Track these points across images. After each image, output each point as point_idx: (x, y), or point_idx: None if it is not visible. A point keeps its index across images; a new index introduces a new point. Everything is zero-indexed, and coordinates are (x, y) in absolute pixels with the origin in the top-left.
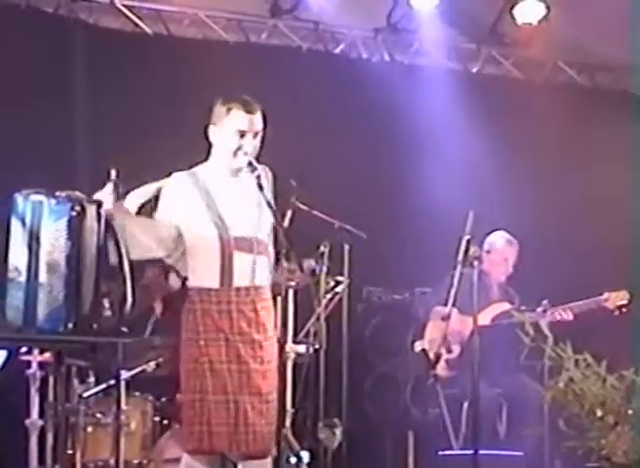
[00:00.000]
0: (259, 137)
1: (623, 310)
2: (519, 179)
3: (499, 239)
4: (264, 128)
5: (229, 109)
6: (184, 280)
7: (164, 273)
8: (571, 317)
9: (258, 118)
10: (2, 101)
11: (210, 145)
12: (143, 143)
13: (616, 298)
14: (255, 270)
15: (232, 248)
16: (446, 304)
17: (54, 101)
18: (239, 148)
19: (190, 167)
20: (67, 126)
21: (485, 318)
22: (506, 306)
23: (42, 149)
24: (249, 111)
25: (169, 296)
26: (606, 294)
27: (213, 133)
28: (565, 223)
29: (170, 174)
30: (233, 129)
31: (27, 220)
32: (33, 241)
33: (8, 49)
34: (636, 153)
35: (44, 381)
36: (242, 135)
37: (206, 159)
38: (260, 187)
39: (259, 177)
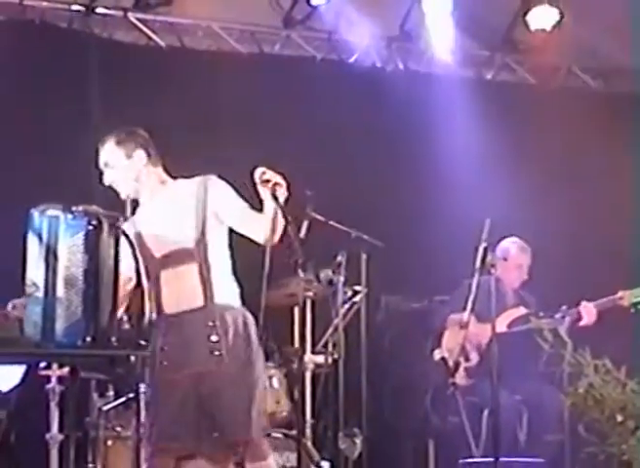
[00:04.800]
0: (112, 165)
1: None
2: (535, 186)
3: (512, 246)
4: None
5: None
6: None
7: None
8: (595, 315)
9: (103, 151)
10: (17, 117)
11: None
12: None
13: (631, 296)
14: (181, 285)
15: (158, 269)
16: (463, 312)
17: (68, 115)
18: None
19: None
20: (82, 139)
21: (501, 324)
22: (522, 311)
23: (57, 164)
24: (101, 144)
25: None
26: (621, 293)
27: None
28: (580, 228)
29: None
30: None
31: (44, 236)
32: (50, 256)
33: (22, 64)
34: None
35: (63, 395)
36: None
37: None
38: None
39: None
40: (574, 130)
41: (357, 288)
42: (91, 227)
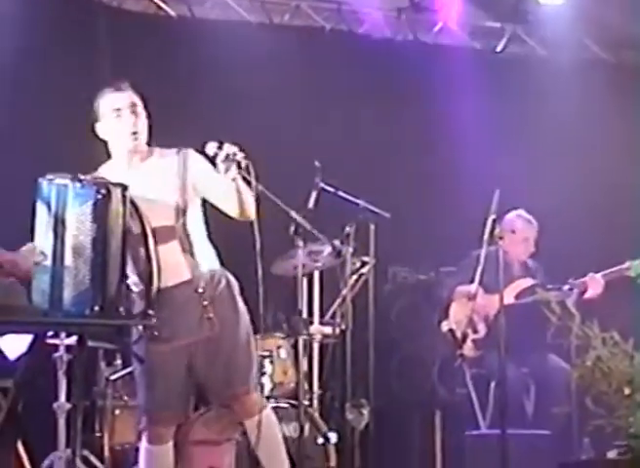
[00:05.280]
0: (139, 113)
1: None
2: (544, 158)
3: (517, 219)
4: (145, 106)
5: (100, 97)
6: None
7: None
8: (602, 286)
9: (129, 93)
10: (25, 86)
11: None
12: (167, 125)
13: (638, 267)
14: (166, 261)
15: (140, 244)
16: (470, 284)
17: (78, 85)
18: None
19: (95, 169)
20: (90, 108)
21: (509, 295)
22: (529, 282)
23: (67, 134)
24: (118, 89)
25: None
26: (628, 263)
27: (99, 129)
28: (589, 198)
29: None
30: (109, 109)
31: (52, 204)
32: (59, 225)
33: (31, 33)
34: None
35: (71, 364)
36: (118, 115)
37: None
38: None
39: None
40: (584, 101)
41: (365, 258)
42: (99, 196)
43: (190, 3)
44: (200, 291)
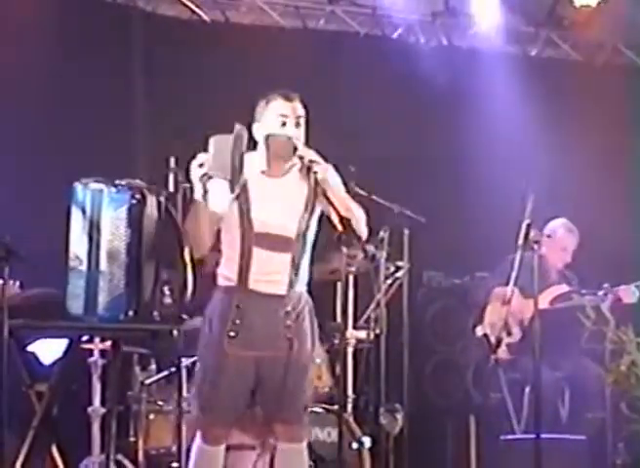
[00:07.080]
0: (302, 127)
1: None
2: (577, 163)
3: (560, 227)
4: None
5: (268, 101)
6: None
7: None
8: (636, 297)
9: (297, 105)
10: (60, 90)
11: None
12: (202, 131)
13: None
14: (272, 270)
15: (252, 243)
16: (505, 287)
17: (112, 90)
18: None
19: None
20: (126, 114)
21: (543, 301)
22: (565, 288)
23: (101, 138)
24: (288, 99)
25: None
26: None
27: (256, 129)
28: (622, 205)
29: None
30: (274, 115)
31: (87, 209)
32: (94, 229)
33: (66, 38)
34: None
35: (106, 369)
36: (283, 123)
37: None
38: (308, 170)
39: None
40: (618, 106)
41: (399, 263)
42: (134, 201)
43: (224, 8)
44: (289, 309)
